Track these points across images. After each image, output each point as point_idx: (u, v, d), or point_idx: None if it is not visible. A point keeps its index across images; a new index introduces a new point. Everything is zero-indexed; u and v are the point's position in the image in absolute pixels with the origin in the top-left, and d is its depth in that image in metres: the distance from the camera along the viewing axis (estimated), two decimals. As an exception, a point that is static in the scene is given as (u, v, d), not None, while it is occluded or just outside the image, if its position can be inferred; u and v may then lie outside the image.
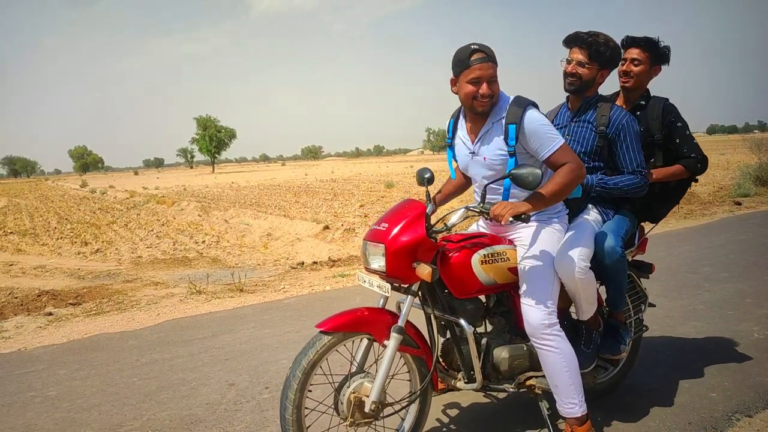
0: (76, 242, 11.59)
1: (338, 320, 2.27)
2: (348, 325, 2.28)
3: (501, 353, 2.52)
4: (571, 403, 2.44)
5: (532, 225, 2.54)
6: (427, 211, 2.40)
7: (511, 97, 2.43)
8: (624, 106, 2.95)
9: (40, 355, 4.40)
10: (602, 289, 2.86)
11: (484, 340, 2.54)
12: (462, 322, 2.42)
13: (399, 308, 2.47)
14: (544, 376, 2.51)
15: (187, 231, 12.80)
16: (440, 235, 2.43)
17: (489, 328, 2.69)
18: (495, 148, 2.43)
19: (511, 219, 2.19)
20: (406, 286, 2.38)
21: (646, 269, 3.12)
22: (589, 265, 2.53)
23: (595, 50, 2.65)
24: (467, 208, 2.33)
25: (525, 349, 2.55)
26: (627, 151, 2.66)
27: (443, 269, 2.37)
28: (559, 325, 2.42)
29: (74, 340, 4.74)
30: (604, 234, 2.64)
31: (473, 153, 2.53)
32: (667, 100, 2.96)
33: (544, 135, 2.35)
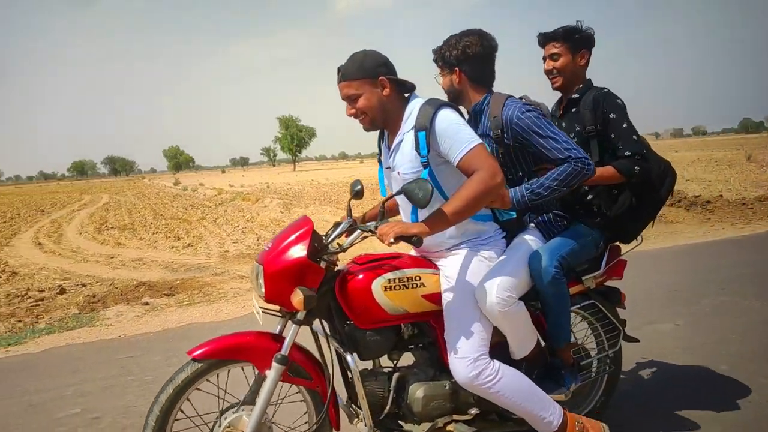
0: (169, 237, 12.33)
1: (215, 345, 2.08)
2: (224, 352, 2.08)
3: (416, 392, 2.21)
4: (545, 420, 2.21)
5: (459, 252, 2.24)
6: (336, 230, 2.29)
7: (423, 100, 2.17)
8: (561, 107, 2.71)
9: (138, 341, 4.73)
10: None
11: (396, 375, 2.25)
12: (348, 356, 2.16)
13: (316, 338, 2.26)
14: (467, 421, 2.27)
15: (270, 227, 13.27)
16: (335, 256, 2.18)
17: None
18: (408, 160, 2.16)
19: (392, 240, 1.92)
20: (289, 312, 2.14)
21: (614, 298, 2.63)
22: (515, 295, 2.17)
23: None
24: (361, 229, 2.10)
25: (447, 387, 2.23)
26: (543, 148, 2.22)
27: (343, 295, 2.14)
28: (490, 367, 2.12)
29: (168, 329, 5.06)
30: (537, 253, 2.28)
31: (389, 168, 2.30)
32: (604, 89, 2.59)
33: (455, 136, 2.04)
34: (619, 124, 2.47)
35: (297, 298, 1.97)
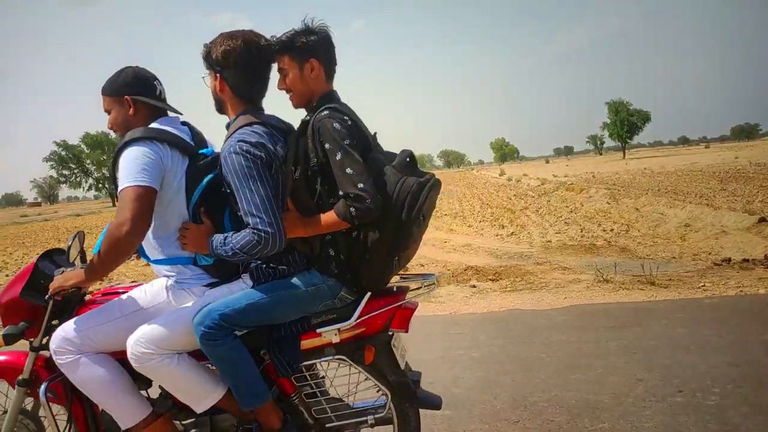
0: (494, 225, 12.98)
1: None
2: None
3: None
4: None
5: (161, 282, 2.17)
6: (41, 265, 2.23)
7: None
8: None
9: (465, 320, 5.14)
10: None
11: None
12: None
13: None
14: None
15: (595, 218, 12.73)
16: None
17: None
18: None
19: (51, 295, 2.03)
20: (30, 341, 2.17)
21: (358, 355, 2.11)
22: (155, 350, 1.97)
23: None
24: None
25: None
26: (236, 196, 1.92)
27: None
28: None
29: (492, 311, 5.35)
30: (204, 307, 1.97)
31: None
32: (329, 107, 1.99)
33: (121, 174, 1.93)
34: (333, 156, 1.92)
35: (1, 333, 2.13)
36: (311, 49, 2.05)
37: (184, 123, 2.25)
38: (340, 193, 1.91)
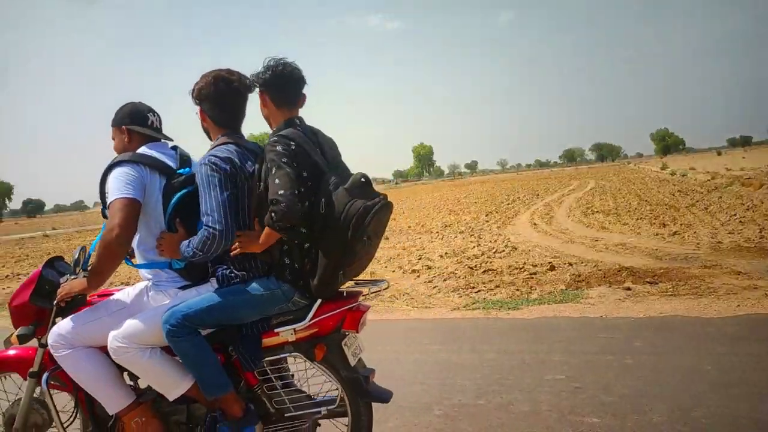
0: (654, 223, 11.95)
1: None
2: None
3: None
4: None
5: (140, 285, 2.52)
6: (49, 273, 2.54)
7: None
8: None
9: (618, 324, 4.80)
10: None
11: None
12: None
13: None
14: None
15: (778, 217, 11.16)
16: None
17: None
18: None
19: (58, 302, 2.39)
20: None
21: (309, 353, 2.35)
22: (129, 344, 2.29)
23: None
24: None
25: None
26: (200, 200, 2.23)
27: None
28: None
29: (650, 316, 4.94)
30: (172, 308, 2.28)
31: None
32: (281, 135, 2.25)
33: (110, 187, 2.31)
34: (269, 173, 2.19)
35: (14, 335, 2.46)
36: (263, 85, 2.38)
37: (174, 147, 2.61)
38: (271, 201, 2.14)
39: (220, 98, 2.41)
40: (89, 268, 2.39)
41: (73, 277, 2.43)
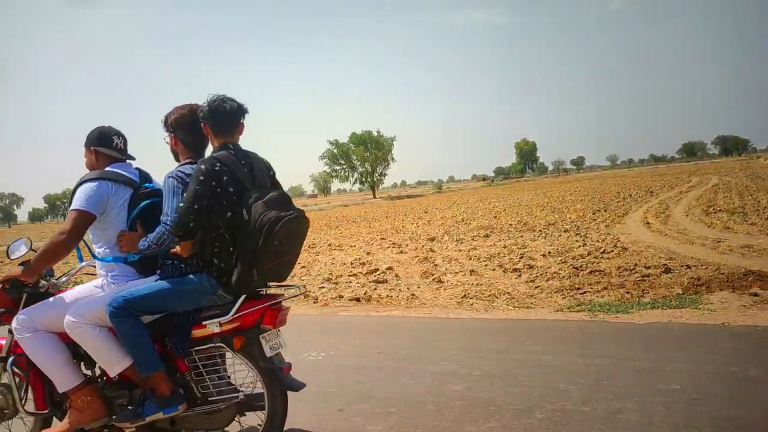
0: (788, 224, 10.80)
1: None
2: None
3: None
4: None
5: (98, 279, 2.97)
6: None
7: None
8: None
9: (743, 333, 4.41)
10: None
11: None
12: None
13: None
14: None
15: None
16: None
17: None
18: None
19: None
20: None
21: (229, 343, 2.75)
22: (82, 321, 2.69)
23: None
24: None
25: None
26: (164, 204, 2.74)
27: None
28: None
29: (781, 326, 4.48)
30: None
31: None
32: (211, 157, 2.77)
33: (72, 201, 2.82)
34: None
35: None
36: (203, 118, 2.84)
37: (137, 168, 3.08)
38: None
39: (192, 127, 2.90)
40: (28, 260, 2.82)
41: (21, 267, 2.82)
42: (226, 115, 2.83)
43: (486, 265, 8.93)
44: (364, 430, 3.27)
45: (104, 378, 2.93)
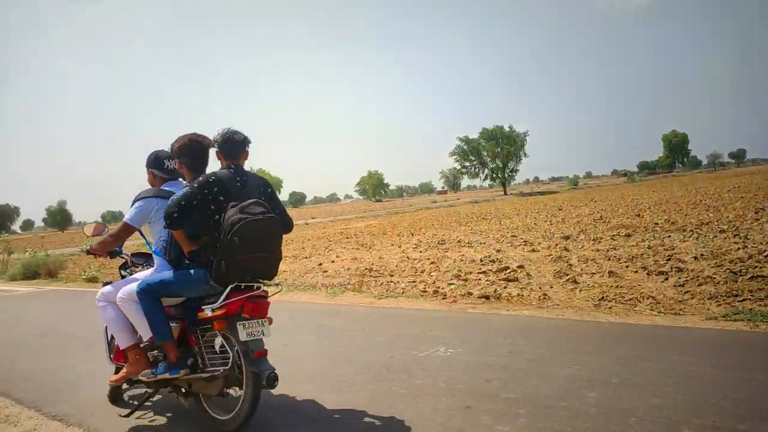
0: None
1: None
2: None
3: None
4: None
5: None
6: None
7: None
8: None
9: None
10: None
11: None
12: None
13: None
14: None
15: None
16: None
17: None
18: None
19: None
20: None
21: (213, 326, 3.42)
22: (124, 298, 3.59)
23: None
24: None
25: None
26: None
27: None
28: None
29: None
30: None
31: None
32: (212, 173, 3.47)
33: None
34: None
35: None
36: (216, 145, 3.63)
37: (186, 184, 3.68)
38: None
39: (191, 152, 3.65)
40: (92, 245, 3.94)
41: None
42: (234, 144, 3.58)
43: (627, 267, 8.33)
44: (492, 430, 3.22)
45: (149, 342, 3.68)
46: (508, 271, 8.86)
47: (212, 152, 3.69)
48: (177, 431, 3.74)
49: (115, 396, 4.19)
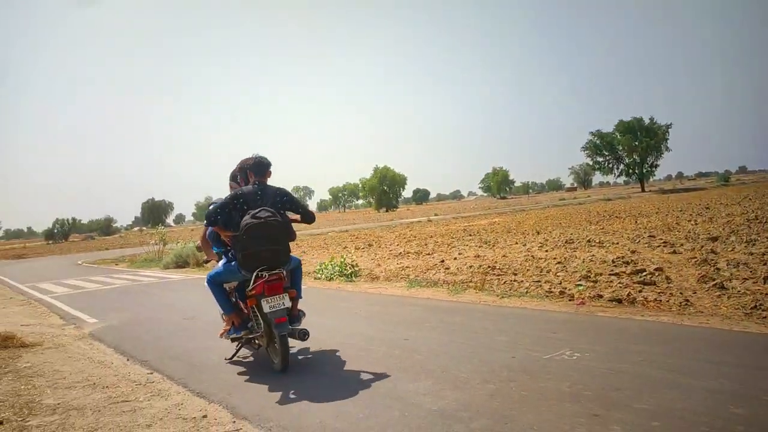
0: None
1: None
2: None
3: None
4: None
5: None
6: None
7: None
8: None
9: None
10: None
11: None
12: None
13: None
14: None
15: None
16: None
17: None
18: None
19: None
20: None
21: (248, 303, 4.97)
22: (206, 282, 5.19)
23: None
24: None
25: None
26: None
27: None
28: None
29: None
30: None
31: None
32: (246, 185, 5.03)
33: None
34: None
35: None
36: (249, 167, 4.97)
37: None
38: None
39: (241, 174, 5.25)
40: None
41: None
42: (261, 166, 4.95)
43: (787, 272, 7.38)
44: (621, 441, 3.02)
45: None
46: (644, 273, 8.24)
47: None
48: (256, 370, 5.08)
49: (232, 356, 5.51)
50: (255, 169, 4.92)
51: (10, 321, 8.77)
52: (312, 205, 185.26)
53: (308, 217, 5.06)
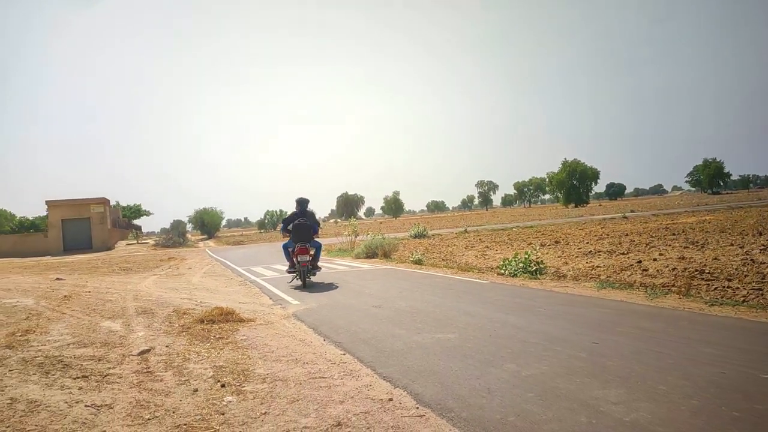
0: None
1: None
2: None
3: None
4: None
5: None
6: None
7: None
8: None
9: None
10: None
11: None
12: None
13: None
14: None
15: None
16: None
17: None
18: None
19: None
20: None
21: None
22: (281, 247, 14.07)
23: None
24: None
25: None
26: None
27: None
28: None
29: None
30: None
31: None
32: (293, 213, 12.61)
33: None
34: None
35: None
36: (296, 201, 12.92)
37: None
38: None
39: (297, 204, 12.65)
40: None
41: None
42: (303, 203, 12.46)
43: None
44: None
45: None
46: None
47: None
48: (436, 361, 4.98)
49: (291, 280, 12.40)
50: (300, 202, 12.41)
51: (232, 299, 10.19)
52: (496, 200, 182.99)
53: (314, 226, 12.31)
